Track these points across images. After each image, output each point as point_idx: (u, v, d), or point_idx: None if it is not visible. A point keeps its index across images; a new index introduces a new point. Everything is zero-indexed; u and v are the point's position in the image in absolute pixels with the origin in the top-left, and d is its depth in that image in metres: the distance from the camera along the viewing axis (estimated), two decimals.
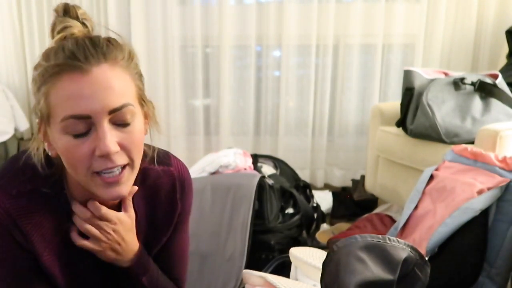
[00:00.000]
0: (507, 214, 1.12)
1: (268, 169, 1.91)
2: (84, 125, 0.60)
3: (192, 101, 2.53)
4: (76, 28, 0.65)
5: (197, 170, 1.80)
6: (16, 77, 2.54)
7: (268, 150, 2.50)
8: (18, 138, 2.55)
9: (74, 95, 0.59)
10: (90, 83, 0.59)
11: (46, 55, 0.62)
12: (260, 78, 2.51)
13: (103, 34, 0.69)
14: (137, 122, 0.65)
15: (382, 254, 0.67)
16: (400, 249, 0.69)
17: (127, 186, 0.66)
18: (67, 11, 0.67)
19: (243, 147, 2.08)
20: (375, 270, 0.65)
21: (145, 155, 0.73)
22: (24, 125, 2.37)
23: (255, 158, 1.93)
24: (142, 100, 0.68)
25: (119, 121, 0.62)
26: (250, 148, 2.50)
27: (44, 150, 0.68)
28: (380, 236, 0.70)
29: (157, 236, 0.82)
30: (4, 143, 2.23)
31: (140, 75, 0.69)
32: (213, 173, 1.78)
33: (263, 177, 1.65)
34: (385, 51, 2.45)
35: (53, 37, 0.66)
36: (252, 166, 1.84)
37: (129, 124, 0.63)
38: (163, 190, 0.79)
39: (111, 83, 0.61)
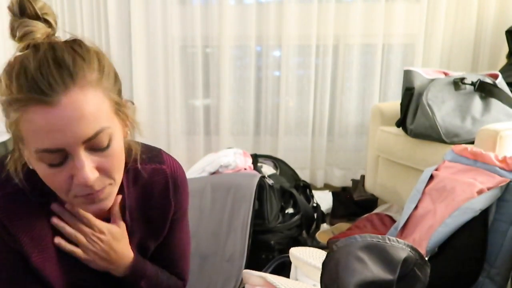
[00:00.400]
0: (507, 214, 1.12)
1: (268, 169, 1.91)
2: (59, 156, 0.57)
3: (192, 101, 2.53)
4: (39, 31, 0.59)
5: (197, 170, 1.80)
6: None
7: (268, 150, 2.50)
8: None
9: (43, 129, 0.54)
10: (60, 116, 0.54)
11: (8, 75, 0.56)
12: (260, 78, 2.51)
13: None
14: (115, 141, 0.61)
15: (381, 254, 0.67)
16: (400, 249, 0.69)
17: (110, 200, 0.65)
18: (23, 10, 0.59)
19: (243, 147, 2.08)
20: (374, 270, 0.65)
21: (133, 155, 0.72)
22: None
23: (255, 158, 1.93)
24: (118, 110, 0.63)
25: (96, 146, 0.59)
26: (250, 148, 2.50)
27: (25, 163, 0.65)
28: (379, 236, 0.70)
29: (154, 234, 0.81)
30: (4, 143, 2.23)
31: (114, 81, 0.63)
32: (213, 173, 1.78)
33: (263, 177, 1.65)
34: (385, 51, 2.45)
35: (12, 37, 0.60)
36: (252, 166, 1.84)
37: (107, 147, 0.60)
38: (156, 189, 0.78)
39: (83, 111, 0.55)
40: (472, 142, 1.47)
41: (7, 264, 0.67)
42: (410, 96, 1.69)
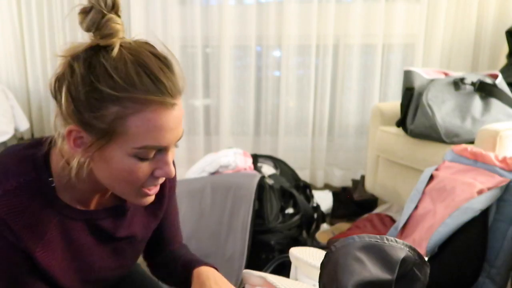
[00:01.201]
0: (507, 214, 1.12)
1: (268, 169, 1.91)
2: (155, 151, 0.63)
3: (192, 101, 2.53)
4: (120, 26, 0.62)
5: (197, 170, 1.80)
6: (16, 77, 2.54)
7: (268, 150, 2.50)
8: (18, 138, 2.55)
9: (160, 128, 0.60)
10: (174, 117, 0.61)
11: (122, 73, 0.57)
12: (260, 78, 2.51)
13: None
14: None
15: (380, 254, 0.67)
16: (398, 248, 0.69)
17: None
18: (113, 5, 0.60)
19: (243, 147, 2.08)
20: (373, 270, 0.65)
21: None
22: (24, 125, 2.37)
23: (255, 158, 1.93)
24: None
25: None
26: (250, 148, 2.50)
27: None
28: (378, 236, 0.70)
29: (154, 213, 0.85)
30: (4, 143, 2.23)
31: None
32: (213, 173, 1.78)
33: (263, 177, 1.65)
34: (385, 51, 2.45)
35: (88, 30, 0.61)
36: (252, 166, 1.84)
37: (177, 146, 0.67)
38: None
39: (182, 116, 0.64)
40: (472, 142, 1.47)
41: (10, 263, 0.67)
42: (410, 96, 1.69)
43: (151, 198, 0.70)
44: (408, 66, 2.20)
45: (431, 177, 1.33)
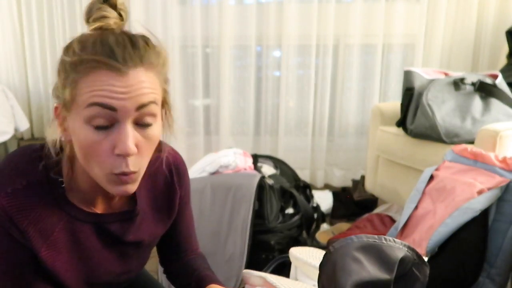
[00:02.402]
0: (507, 214, 1.12)
1: (268, 169, 1.91)
2: (108, 118, 0.61)
3: (192, 101, 2.53)
4: (113, 20, 0.65)
5: (197, 170, 1.80)
6: (16, 77, 2.54)
7: (268, 150, 2.50)
8: (18, 138, 2.55)
9: (106, 89, 0.60)
10: (124, 84, 0.60)
11: (82, 43, 0.62)
12: (260, 78, 2.51)
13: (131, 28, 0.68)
14: (156, 126, 0.66)
15: (378, 254, 0.67)
16: (397, 248, 0.69)
17: (134, 186, 0.67)
18: None
19: (243, 147, 2.08)
20: (371, 270, 0.65)
21: (158, 152, 0.77)
22: (24, 125, 2.37)
23: (255, 158, 1.93)
24: (165, 103, 0.70)
25: (141, 122, 0.63)
26: (250, 148, 2.50)
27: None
28: (376, 236, 0.70)
29: (162, 221, 0.84)
30: (4, 143, 2.23)
31: (168, 81, 0.70)
32: (213, 173, 1.78)
33: (263, 177, 1.65)
34: (385, 51, 2.45)
35: (87, 21, 0.66)
36: (252, 166, 1.84)
37: (150, 125, 0.64)
38: (160, 177, 0.82)
39: (144, 85, 0.62)
40: (472, 142, 1.47)
41: (15, 261, 0.67)
42: (410, 96, 1.69)
43: (130, 187, 0.66)
44: (408, 66, 2.20)
45: (431, 177, 1.33)
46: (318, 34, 2.40)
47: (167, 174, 0.82)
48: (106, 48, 0.60)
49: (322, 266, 0.70)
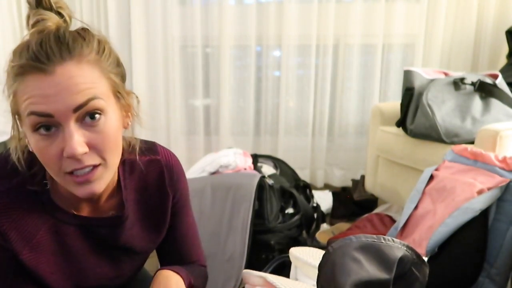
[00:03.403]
0: (507, 214, 1.12)
1: (268, 169, 1.91)
2: (49, 124, 0.59)
3: (192, 101, 2.53)
4: (51, 20, 0.62)
5: (197, 170, 1.80)
6: None
7: (268, 150, 2.50)
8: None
9: (36, 94, 0.57)
10: (53, 83, 0.57)
11: (14, 52, 0.60)
12: (260, 78, 2.51)
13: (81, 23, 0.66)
14: (109, 118, 0.62)
15: (377, 254, 0.67)
16: (396, 248, 0.69)
17: (101, 184, 0.64)
18: (39, 2, 0.63)
19: (243, 147, 2.08)
20: (370, 270, 0.65)
21: (131, 147, 0.73)
22: None
23: (255, 158, 1.93)
24: (118, 92, 0.65)
25: (86, 120, 0.60)
26: (250, 148, 2.50)
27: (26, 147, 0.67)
28: (375, 236, 0.70)
29: (154, 226, 0.81)
30: (4, 143, 2.23)
31: (116, 65, 0.65)
32: (213, 173, 1.78)
33: (263, 177, 1.65)
34: (385, 51, 2.45)
35: (27, 27, 0.64)
36: (252, 166, 1.84)
37: (98, 120, 0.60)
38: (151, 179, 0.78)
39: (76, 81, 0.58)
40: (472, 142, 1.47)
41: None
42: (410, 96, 1.69)
43: (95, 186, 0.62)
44: (408, 66, 2.19)
45: (431, 177, 1.33)
46: (318, 34, 2.40)
47: (158, 175, 0.78)
48: (30, 50, 0.58)
49: (321, 266, 0.70)
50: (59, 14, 0.64)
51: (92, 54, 0.60)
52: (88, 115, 0.60)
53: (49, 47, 0.58)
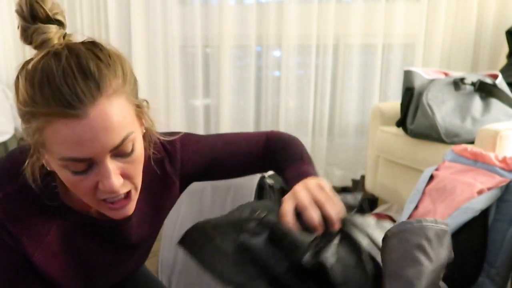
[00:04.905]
0: (507, 214, 1.12)
1: None
2: (85, 165, 0.57)
3: (192, 101, 2.53)
4: (55, 36, 0.58)
5: None
6: None
7: None
8: (18, 138, 2.54)
9: (70, 141, 0.54)
10: (88, 128, 0.54)
11: (31, 85, 0.54)
12: (260, 78, 2.51)
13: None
14: (138, 145, 0.62)
15: (437, 237, 0.67)
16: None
17: (133, 205, 0.65)
18: (35, 15, 0.57)
19: None
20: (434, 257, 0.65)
21: (149, 149, 0.73)
22: None
23: None
24: (139, 113, 0.63)
25: (121, 153, 0.59)
26: None
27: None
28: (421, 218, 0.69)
29: (160, 211, 0.81)
30: (4, 143, 2.23)
31: (133, 81, 0.62)
32: None
33: (263, 177, 1.65)
34: (385, 51, 2.45)
35: (26, 42, 0.59)
36: None
37: (131, 153, 0.60)
38: (153, 176, 0.78)
39: (110, 120, 0.55)
40: (472, 142, 1.47)
41: (9, 266, 0.67)
42: (410, 96, 1.69)
43: (128, 209, 0.64)
44: (408, 66, 2.20)
45: (431, 177, 1.33)
46: (318, 34, 2.40)
47: (158, 171, 0.77)
48: (55, 91, 0.52)
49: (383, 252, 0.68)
50: (57, 21, 0.59)
51: (118, 81, 0.57)
52: (122, 151, 0.59)
53: (77, 86, 0.53)
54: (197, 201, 1.55)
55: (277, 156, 0.83)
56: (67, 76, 0.53)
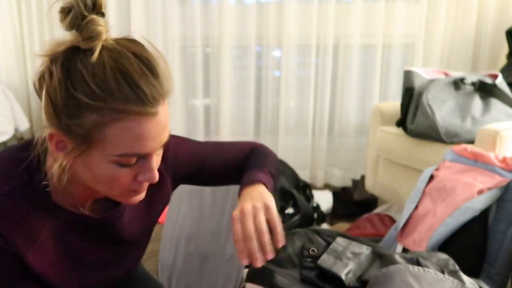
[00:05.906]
0: (507, 214, 1.12)
1: None
2: (136, 158, 0.61)
3: (192, 101, 2.53)
4: (105, 31, 0.58)
5: None
6: (16, 77, 2.54)
7: None
8: (18, 138, 2.55)
9: (140, 136, 0.57)
10: (157, 125, 0.58)
11: (100, 80, 0.54)
12: (260, 78, 2.51)
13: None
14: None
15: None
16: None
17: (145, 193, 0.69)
18: (95, 6, 0.58)
19: None
20: None
21: None
22: (24, 125, 2.37)
23: None
24: None
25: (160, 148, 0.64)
26: None
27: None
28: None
29: (154, 209, 0.83)
30: (4, 143, 2.23)
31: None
32: None
33: None
34: (385, 51, 2.45)
35: (72, 29, 0.58)
36: None
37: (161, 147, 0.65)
38: None
39: (168, 118, 0.61)
40: (472, 142, 1.47)
41: (1, 267, 0.66)
42: (410, 96, 1.69)
43: (140, 196, 0.68)
44: (408, 66, 2.20)
45: (431, 177, 1.33)
46: (318, 34, 2.40)
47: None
48: (136, 91, 0.55)
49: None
50: (103, 15, 0.60)
51: (168, 79, 0.61)
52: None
53: (153, 87, 0.57)
54: (197, 201, 1.55)
55: (248, 163, 0.86)
56: (143, 75, 0.56)
